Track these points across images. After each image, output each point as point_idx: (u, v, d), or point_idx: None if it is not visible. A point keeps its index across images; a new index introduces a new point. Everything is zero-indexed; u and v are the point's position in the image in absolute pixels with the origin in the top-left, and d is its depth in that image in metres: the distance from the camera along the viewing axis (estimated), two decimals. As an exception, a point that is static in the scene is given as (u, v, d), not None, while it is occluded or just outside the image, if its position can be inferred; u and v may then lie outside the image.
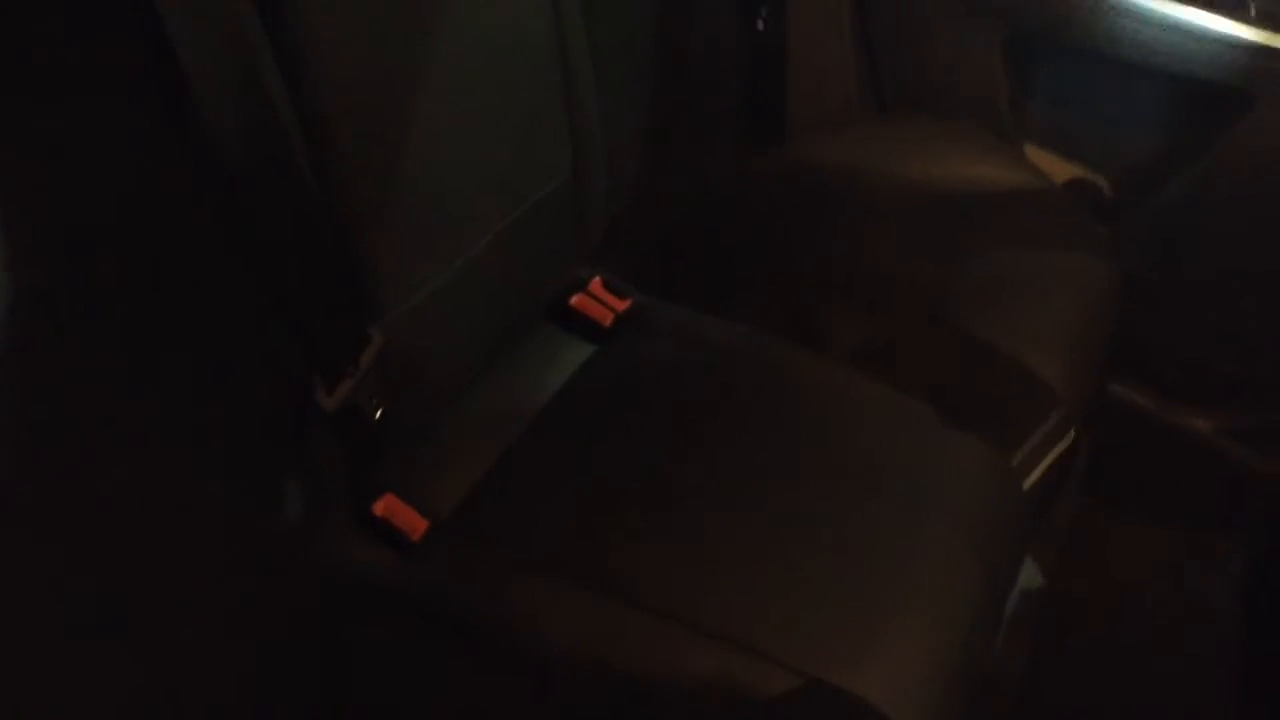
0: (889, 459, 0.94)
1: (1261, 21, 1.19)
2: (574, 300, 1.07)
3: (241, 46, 0.70)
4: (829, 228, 1.24)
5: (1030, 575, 1.05)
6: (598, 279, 1.10)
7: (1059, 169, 1.43)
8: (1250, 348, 1.38)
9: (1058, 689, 1.20)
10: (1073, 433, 1.05)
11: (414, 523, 0.88)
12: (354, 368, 0.80)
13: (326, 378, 0.79)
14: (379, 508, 0.88)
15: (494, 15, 0.88)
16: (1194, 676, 1.24)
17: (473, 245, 0.91)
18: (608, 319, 1.07)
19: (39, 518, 0.66)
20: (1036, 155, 1.43)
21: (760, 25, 1.29)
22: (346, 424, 0.82)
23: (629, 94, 1.13)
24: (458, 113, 0.86)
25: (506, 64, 0.91)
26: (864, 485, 0.92)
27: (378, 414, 0.83)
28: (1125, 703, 1.22)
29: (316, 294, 0.78)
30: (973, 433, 0.97)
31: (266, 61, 0.71)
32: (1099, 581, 1.34)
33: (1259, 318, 1.35)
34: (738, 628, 0.81)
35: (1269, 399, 1.40)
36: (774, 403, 1.00)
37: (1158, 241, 1.36)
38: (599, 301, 1.09)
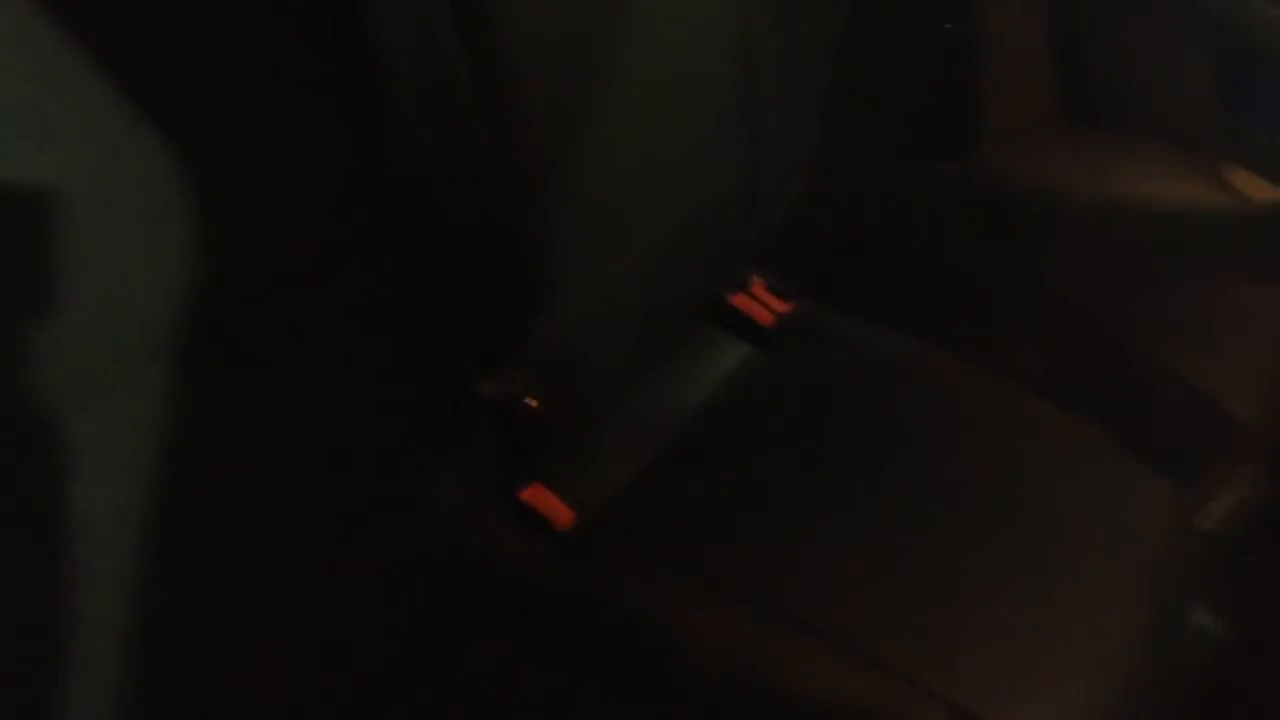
0: (1061, 489, 0.89)
1: None
2: (734, 299, 1.05)
3: (431, 30, 0.70)
4: (1016, 244, 1.19)
5: (1203, 620, 0.98)
6: (759, 281, 1.07)
7: (1260, 190, 1.35)
8: None
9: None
10: (1266, 478, 0.98)
11: (560, 513, 0.87)
12: (516, 356, 0.80)
13: (488, 364, 0.79)
14: (527, 495, 0.87)
15: (680, 10, 0.86)
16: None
17: (644, 245, 0.90)
18: (767, 319, 1.05)
19: (198, 494, 0.67)
20: (1236, 175, 1.34)
21: (949, 25, 1.25)
22: (504, 412, 0.82)
23: (810, 93, 1.10)
24: (641, 109, 0.85)
25: (690, 62, 0.89)
26: (1031, 516, 0.87)
27: (536, 404, 0.83)
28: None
29: (486, 279, 0.77)
30: (1153, 470, 0.91)
31: (456, 47, 0.71)
32: None
33: None
34: (889, 653, 0.78)
35: None
36: (942, 423, 0.96)
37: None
38: (759, 302, 1.06)
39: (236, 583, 0.69)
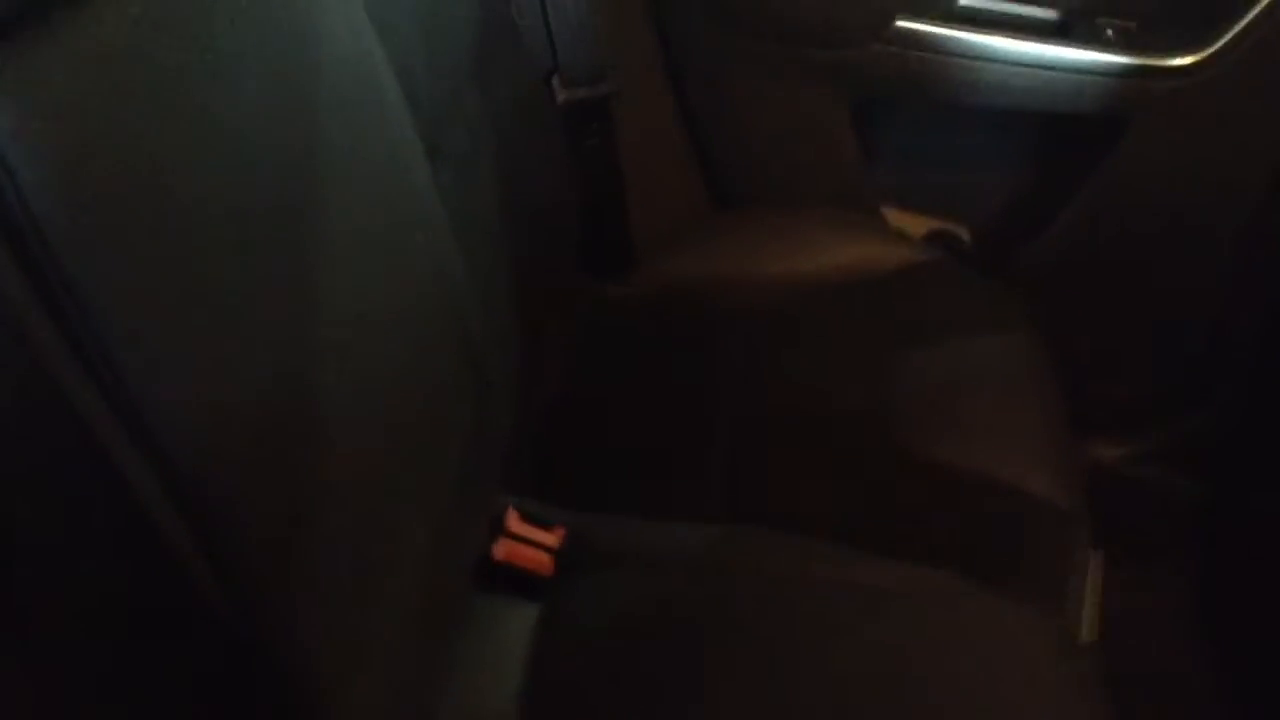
0: (939, 666, 0.78)
1: (1120, 45, 1.10)
2: (499, 553, 0.85)
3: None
4: (727, 362, 1.07)
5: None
6: (512, 512, 0.88)
7: (914, 224, 1.33)
8: (1147, 369, 1.32)
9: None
10: (1099, 553, 0.92)
11: None
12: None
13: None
14: None
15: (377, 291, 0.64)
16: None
17: (405, 559, 0.68)
18: (546, 565, 0.86)
19: None
20: (894, 217, 1.31)
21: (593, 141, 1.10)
22: None
23: (497, 286, 0.91)
24: (357, 413, 0.63)
25: (399, 336, 0.68)
26: (913, 702, 0.75)
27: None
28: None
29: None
30: (1016, 601, 0.82)
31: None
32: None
33: (1155, 339, 1.29)
34: None
35: (1172, 418, 1.34)
36: (781, 626, 0.81)
37: (1044, 279, 1.26)
38: (526, 542, 0.87)
39: None
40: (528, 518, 0.88)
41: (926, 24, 1.12)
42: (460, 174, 0.83)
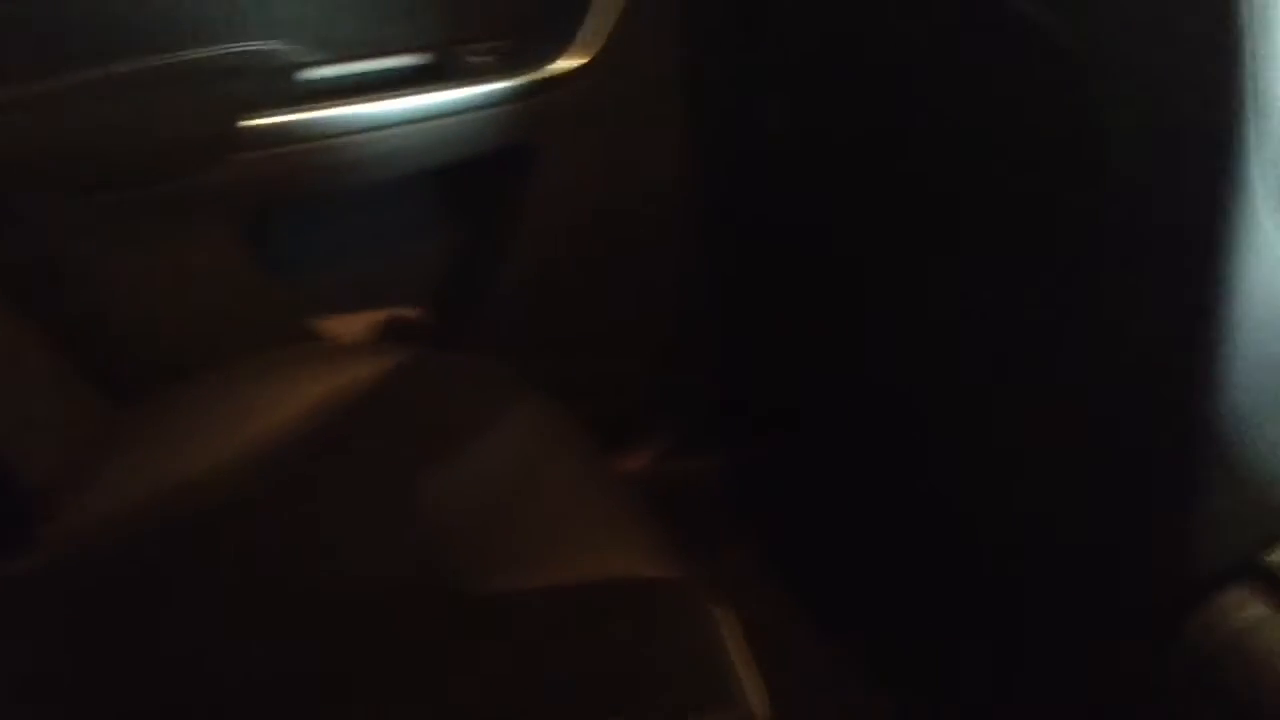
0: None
1: (502, 69, 1.00)
2: None
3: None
4: (203, 606, 0.78)
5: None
6: None
7: (359, 324, 1.15)
8: (638, 377, 1.26)
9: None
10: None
11: None
12: None
13: None
14: None
15: None
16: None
17: None
18: None
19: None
20: (329, 325, 1.13)
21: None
22: None
23: None
24: None
25: None
26: None
27: None
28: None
29: None
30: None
31: None
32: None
33: (595, 348, 1.22)
34: None
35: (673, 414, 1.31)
36: None
37: (508, 329, 1.15)
38: None
39: None
40: None
41: (275, 116, 0.94)
42: None
